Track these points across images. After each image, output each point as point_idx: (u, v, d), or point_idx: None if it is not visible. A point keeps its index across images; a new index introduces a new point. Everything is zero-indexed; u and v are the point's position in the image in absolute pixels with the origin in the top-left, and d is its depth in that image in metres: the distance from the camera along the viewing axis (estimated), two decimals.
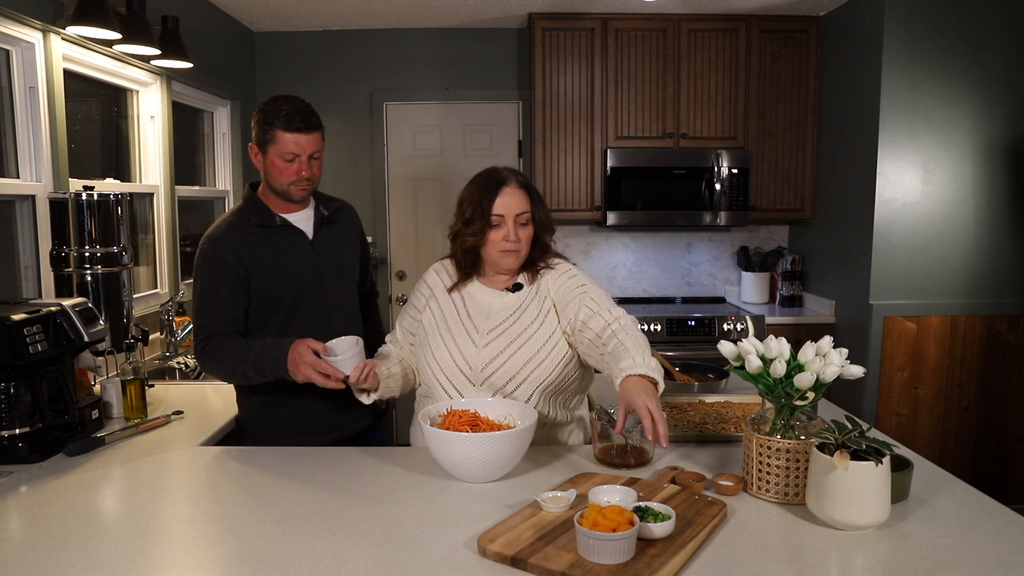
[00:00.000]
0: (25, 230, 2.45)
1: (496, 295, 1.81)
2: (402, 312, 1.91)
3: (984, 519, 1.33)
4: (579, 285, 1.76)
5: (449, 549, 1.23)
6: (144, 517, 1.38)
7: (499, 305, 1.79)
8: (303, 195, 1.94)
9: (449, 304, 1.81)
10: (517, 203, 1.73)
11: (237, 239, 1.91)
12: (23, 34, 2.32)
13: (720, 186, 3.92)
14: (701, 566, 1.17)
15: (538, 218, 1.77)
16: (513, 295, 1.80)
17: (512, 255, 1.75)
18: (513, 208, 1.72)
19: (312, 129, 1.87)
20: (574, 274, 1.80)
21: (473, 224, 1.73)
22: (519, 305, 1.78)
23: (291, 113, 1.84)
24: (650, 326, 3.69)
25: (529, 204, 1.76)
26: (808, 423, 1.46)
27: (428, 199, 4.31)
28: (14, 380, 1.73)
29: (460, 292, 1.82)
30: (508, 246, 1.73)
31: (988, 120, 3.35)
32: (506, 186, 1.73)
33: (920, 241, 3.40)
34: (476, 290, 1.82)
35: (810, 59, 3.93)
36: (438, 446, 1.49)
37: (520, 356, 1.71)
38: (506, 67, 4.24)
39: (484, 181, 1.75)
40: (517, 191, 1.74)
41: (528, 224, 1.76)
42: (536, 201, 1.78)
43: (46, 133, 2.42)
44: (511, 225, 1.72)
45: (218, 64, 3.71)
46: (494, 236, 1.73)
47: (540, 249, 1.82)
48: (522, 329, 1.74)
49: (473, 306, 1.80)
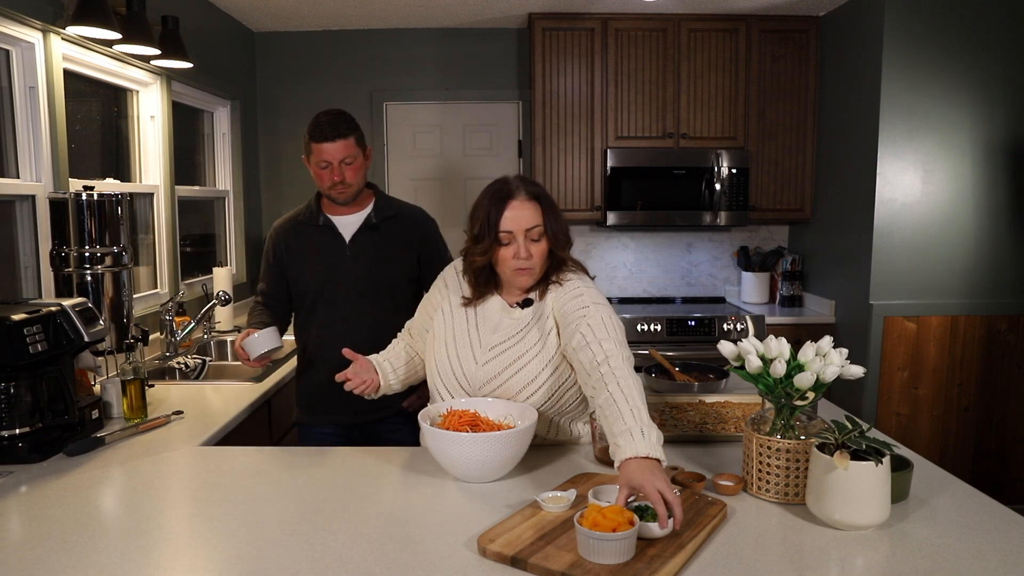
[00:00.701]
0: (25, 230, 2.45)
1: (506, 310, 1.71)
2: (423, 301, 1.87)
3: (984, 519, 1.33)
4: (581, 307, 1.61)
5: (449, 549, 1.23)
6: (144, 517, 1.38)
7: (507, 321, 1.70)
8: (344, 197, 2.11)
9: (461, 316, 1.74)
10: (527, 217, 1.60)
11: (286, 231, 2.22)
12: (23, 34, 2.32)
13: (720, 186, 3.92)
14: (701, 566, 1.17)
15: (551, 231, 1.63)
16: (521, 312, 1.69)
17: (526, 273, 1.63)
18: (523, 223, 1.59)
19: (337, 137, 2.03)
20: (580, 293, 1.64)
21: (482, 242, 1.62)
22: (525, 325, 1.68)
23: (322, 125, 2.04)
24: (650, 326, 3.69)
25: (541, 217, 1.62)
26: (808, 423, 1.46)
27: (428, 199, 4.31)
28: (14, 380, 1.73)
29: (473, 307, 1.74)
30: (520, 264, 1.61)
31: (988, 120, 3.36)
32: (514, 199, 1.60)
33: (920, 241, 3.40)
34: (487, 305, 1.73)
35: (810, 59, 3.93)
36: (438, 446, 1.49)
37: (517, 381, 1.64)
38: (506, 67, 4.24)
39: (492, 194, 1.63)
40: (527, 204, 1.61)
41: (541, 239, 1.62)
42: (549, 212, 1.63)
43: (46, 133, 2.42)
44: (521, 241, 1.60)
45: (218, 64, 3.71)
46: (504, 254, 1.61)
47: (555, 264, 1.68)
48: (523, 352, 1.65)
49: (483, 316, 1.72)
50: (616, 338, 1.55)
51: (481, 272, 1.68)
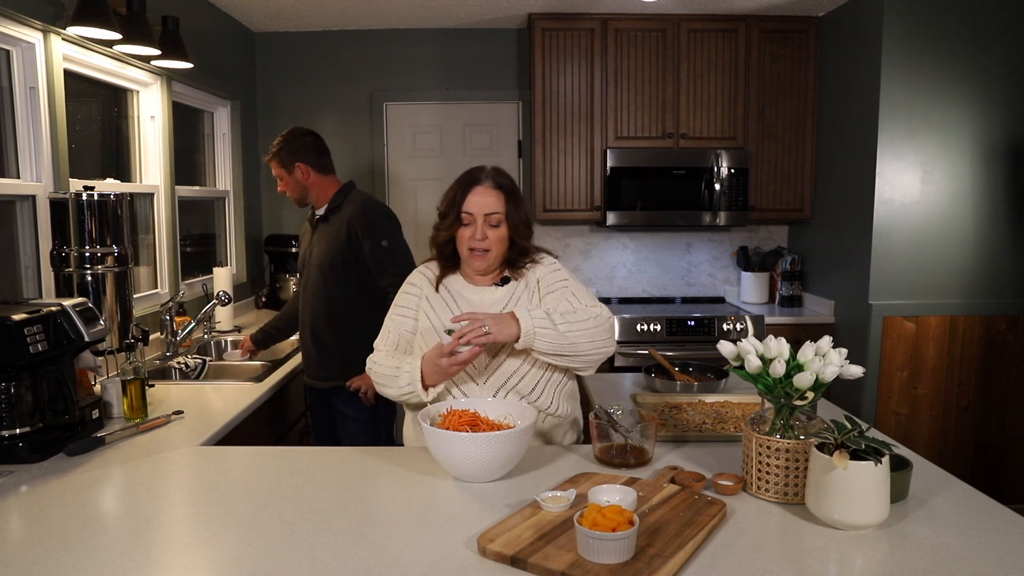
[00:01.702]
0: (25, 230, 2.45)
1: (486, 291, 1.82)
2: (391, 316, 1.87)
3: (983, 519, 1.33)
4: (562, 279, 1.82)
5: (449, 549, 1.23)
6: (144, 517, 1.38)
7: (490, 299, 1.80)
8: (295, 203, 2.68)
9: (441, 303, 1.81)
10: (488, 203, 1.74)
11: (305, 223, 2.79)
12: (23, 34, 2.32)
13: (720, 186, 3.92)
14: (701, 566, 1.17)
15: (513, 219, 1.77)
16: (502, 288, 1.82)
17: (480, 257, 1.76)
18: (483, 207, 1.74)
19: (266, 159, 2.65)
20: (557, 268, 1.85)
21: (446, 219, 1.78)
22: (511, 296, 1.80)
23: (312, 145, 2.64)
24: (650, 326, 3.69)
25: (503, 205, 1.75)
26: (807, 423, 1.46)
27: (428, 199, 4.31)
28: (14, 380, 1.73)
29: (449, 291, 1.83)
30: (475, 244, 1.74)
31: (987, 120, 3.36)
32: (479, 185, 1.75)
33: (919, 241, 3.40)
34: (464, 288, 1.83)
35: (810, 59, 3.93)
36: (438, 446, 1.50)
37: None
38: (506, 67, 4.24)
39: (462, 179, 1.79)
40: (490, 191, 1.75)
41: (501, 225, 1.76)
42: (512, 202, 1.77)
43: (46, 133, 2.42)
44: (480, 224, 1.74)
45: (218, 64, 3.71)
46: (464, 233, 1.76)
47: (518, 252, 1.82)
48: None
49: (465, 304, 1.80)
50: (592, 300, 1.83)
51: (445, 247, 1.83)
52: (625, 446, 1.61)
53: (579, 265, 4.33)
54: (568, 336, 1.66)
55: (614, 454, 1.61)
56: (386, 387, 1.75)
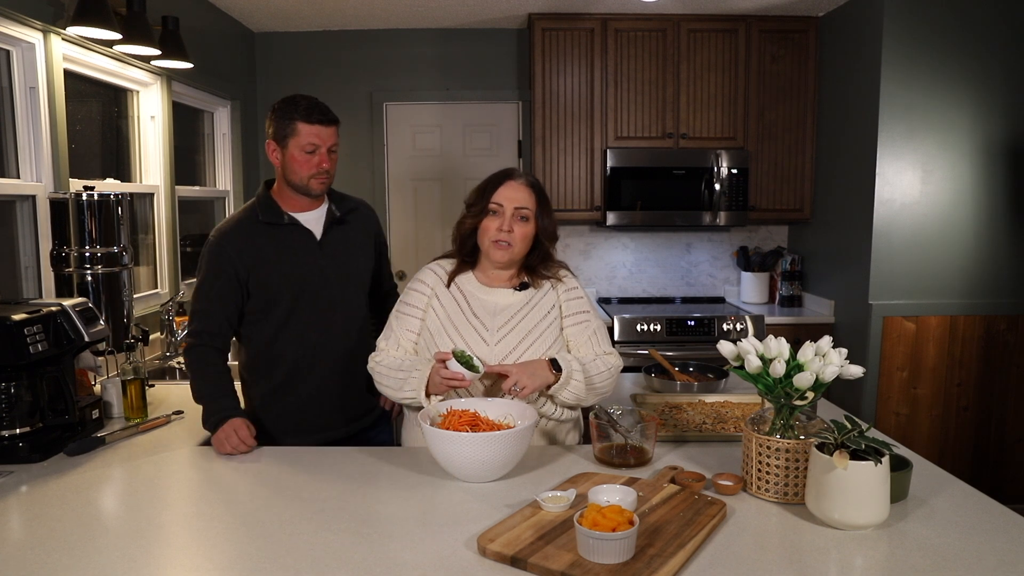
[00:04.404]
0: (25, 230, 2.45)
1: (501, 293, 1.79)
2: (397, 314, 1.83)
3: (983, 519, 1.33)
4: (584, 311, 1.81)
5: (449, 549, 1.23)
6: (144, 517, 1.38)
7: (505, 303, 1.78)
8: (322, 188, 1.95)
9: (452, 303, 1.78)
10: (520, 197, 1.73)
11: (242, 236, 1.93)
12: (23, 34, 2.32)
13: (720, 186, 3.92)
14: (701, 566, 1.17)
15: (541, 222, 1.76)
16: (520, 293, 1.80)
17: (504, 249, 1.73)
18: (514, 200, 1.72)
19: (331, 122, 1.93)
20: (579, 294, 1.83)
21: (473, 208, 1.76)
22: (527, 302, 1.78)
23: (311, 106, 1.91)
24: (650, 326, 3.69)
25: (533, 203, 1.75)
26: (807, 423, 1.46)
27: (428, 199, 4.32)
28: (14, 380, 1.73)
29: (462, 291, 1.80)
30: (501, 236, 1.72)
31: (987, 120, 3.36)
32: (512, 180, 1.75)
33: (919, 241, 3.40)
34: (477, 290, 1.80)
35: (809, 59, 3.93)
36: (438, 446, 1.50)
37: (534, 352, 1.71)
38: (506, 67, 4.24)
39: (496, 173, 1.79)
40: (523, 187, 1.75)
41: (528, 221, 1.74)
42: (542, 204, 1.77)
43: (46, 133, 2.42)
44: (508, 216, 1.72)
45: (218, 64, 3.71)
46: (489, 224, 1.73)
47: (541, 256, 1.80)
48: (533, 324, 1.74)
49: (478, 305, 1.77)
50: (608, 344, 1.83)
51: (468, 239, 1.79)
52: (625, 446, 1.61)
53: (579, 265, 4.33)
54: (590, 391, 1.72)
55: (614, 454, 1.61)
56: (388, 388, 1.75)
